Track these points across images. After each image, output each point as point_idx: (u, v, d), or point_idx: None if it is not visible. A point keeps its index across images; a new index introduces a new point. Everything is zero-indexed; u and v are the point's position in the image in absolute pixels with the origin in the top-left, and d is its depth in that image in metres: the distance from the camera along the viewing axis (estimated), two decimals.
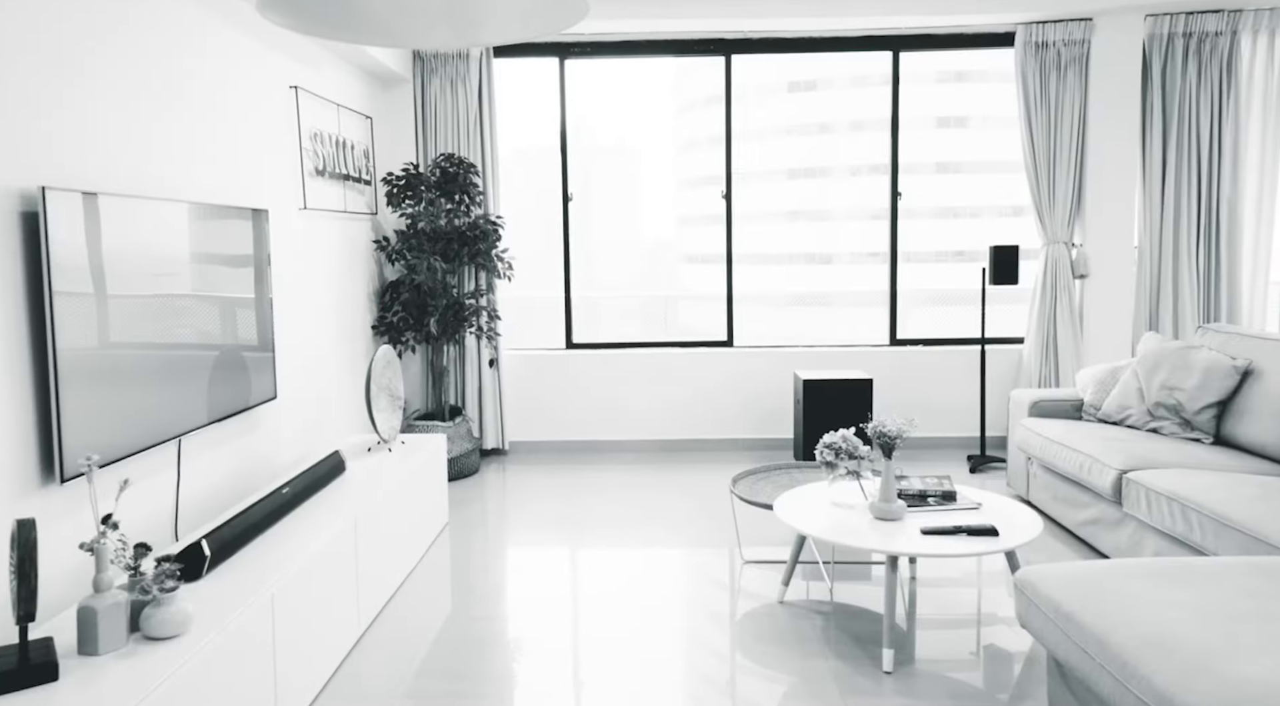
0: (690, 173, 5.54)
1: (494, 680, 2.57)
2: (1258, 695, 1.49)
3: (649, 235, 5.59)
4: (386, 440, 3.71)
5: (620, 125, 5.55)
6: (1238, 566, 2.05)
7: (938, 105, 5.82)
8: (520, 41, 1.49)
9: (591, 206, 5.79)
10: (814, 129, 6.03)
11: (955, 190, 6.11)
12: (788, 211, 6.08)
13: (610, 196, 5.61)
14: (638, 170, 5.58)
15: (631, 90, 5.39)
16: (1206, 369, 3.59)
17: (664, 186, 5.51)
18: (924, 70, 5.90)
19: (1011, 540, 2.58)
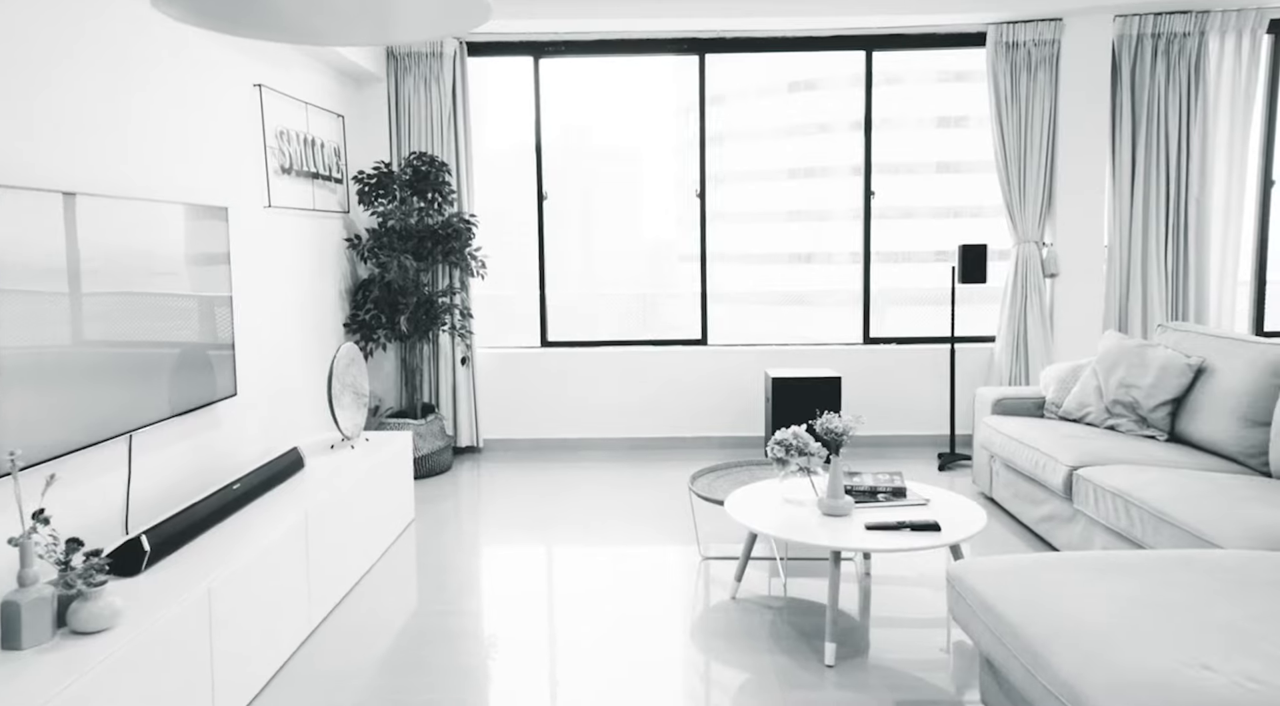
0: (690, 173, 5.56)
1: (446, 673, 2.60)
2: (1148, 682, 1.51)
3: (650, 235, 5.62)
4: (350, 437, 3.73)
5: (620, 126, 5.59)
6: (1161, 560, 2.07)
7: (940, 105, 5.88)
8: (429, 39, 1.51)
9: (593, 206, 5.80)
10: (814, 128, 6.04)
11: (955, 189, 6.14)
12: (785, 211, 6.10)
13: (612, 197, 5.64)
14: (639, 170, 5.61)
15: (632, 90, 5.44)
16: (1161, 367, 3.61)
17: (664, 187, 5.53)
18: (926, 69, 5.93)
19: (953, 535, 2.61)
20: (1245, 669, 1.54)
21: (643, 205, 6.01)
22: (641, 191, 6.06)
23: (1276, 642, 1.65)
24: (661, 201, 5.85)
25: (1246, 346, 3.31)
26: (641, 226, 6.00)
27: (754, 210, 6.40)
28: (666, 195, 5.88)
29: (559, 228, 5.63)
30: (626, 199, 6.03)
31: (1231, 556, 2.08)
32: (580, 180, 5.92)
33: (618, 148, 5.82)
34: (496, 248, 5.54)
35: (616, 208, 5.72)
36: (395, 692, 2.50)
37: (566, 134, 5.56)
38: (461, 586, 3.29)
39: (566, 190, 5.64)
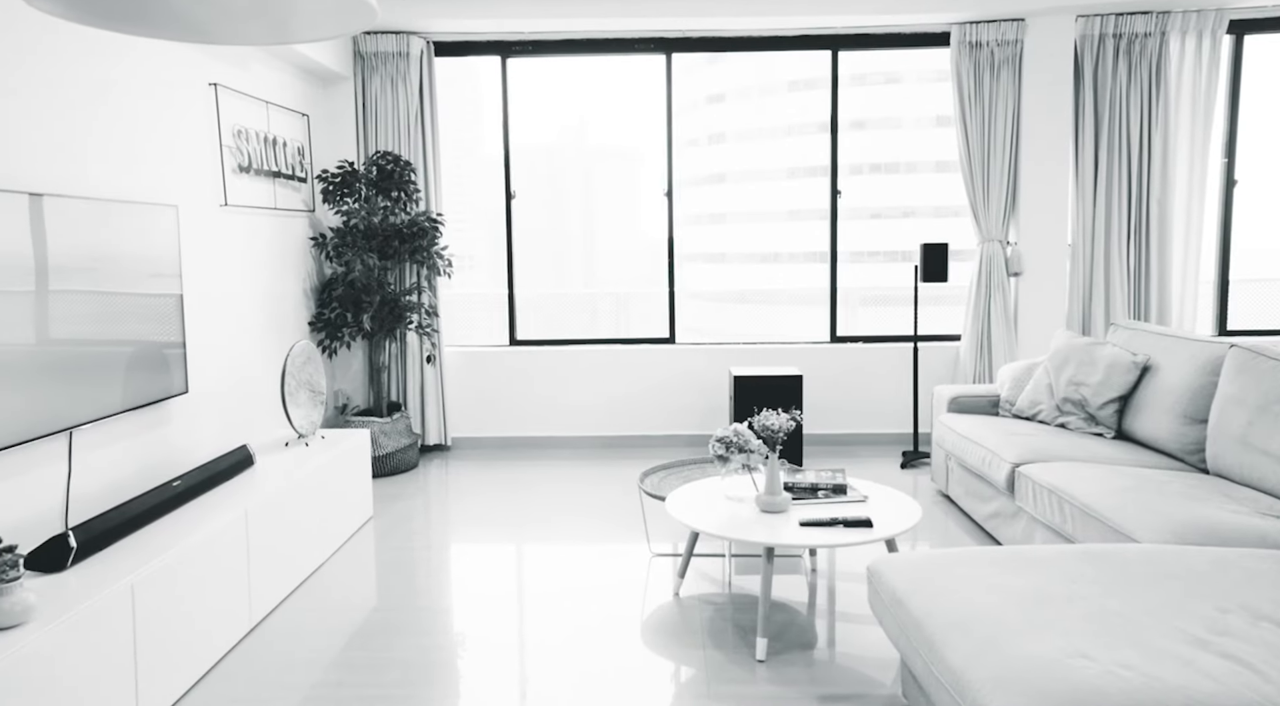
0: (690, 173, 5.61)
1: (386, 668, 2.62)
2: (1028, 671, 1.54)
3: (651, 235, 5.67)
4: (305, 435, 3.75)
5: (618, 125, 5.63)
6: (1068, 554, 2.10)
7: (941, 104, 5.93)
8: (322, 39, 1.54)
9: (595, 206, 5.84)
10: (814, 128, 6.07)
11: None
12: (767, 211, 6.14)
13: (612, 196, 5.70)
14: (638, 170, 5.65)
15: (631, 90, 5.48)
16: (1109, 365, 3.64)
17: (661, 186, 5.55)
18: (925, 68, 5.97)
19: (884, 531, 2.63)
20: (1122, 658, 1.57)
21: (639, 204, 6.04)
22: (638, 190, 6.09)
23: (1160, 632, 1.67)
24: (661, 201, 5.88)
25: (1187, 344, 3.34)
26: (640, 225, 6.04)
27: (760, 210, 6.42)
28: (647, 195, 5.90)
29: (560, 226, 5.65)
30: (625, 198, 6.07)
31: (1138, 550, 2.11)
32: (579, 179, 5.95)
33: (617, 147, 5.86)
34: (497, 248, 5.58)
35: (614, 206, 5.77)
36: (331, 688, 2.52)
37: (564, 133, 5.60)
38: (414, 583, 3.31)
39: (568, 189, 5.68)
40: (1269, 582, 1.90)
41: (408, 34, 5.18)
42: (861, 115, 6.20)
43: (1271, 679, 1.50)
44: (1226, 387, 2.98)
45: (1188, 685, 1.48)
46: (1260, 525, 2.38)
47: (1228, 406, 2.94)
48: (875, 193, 6.13)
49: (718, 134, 6.02)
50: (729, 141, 5.70)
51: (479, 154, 5.72)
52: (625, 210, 6.01)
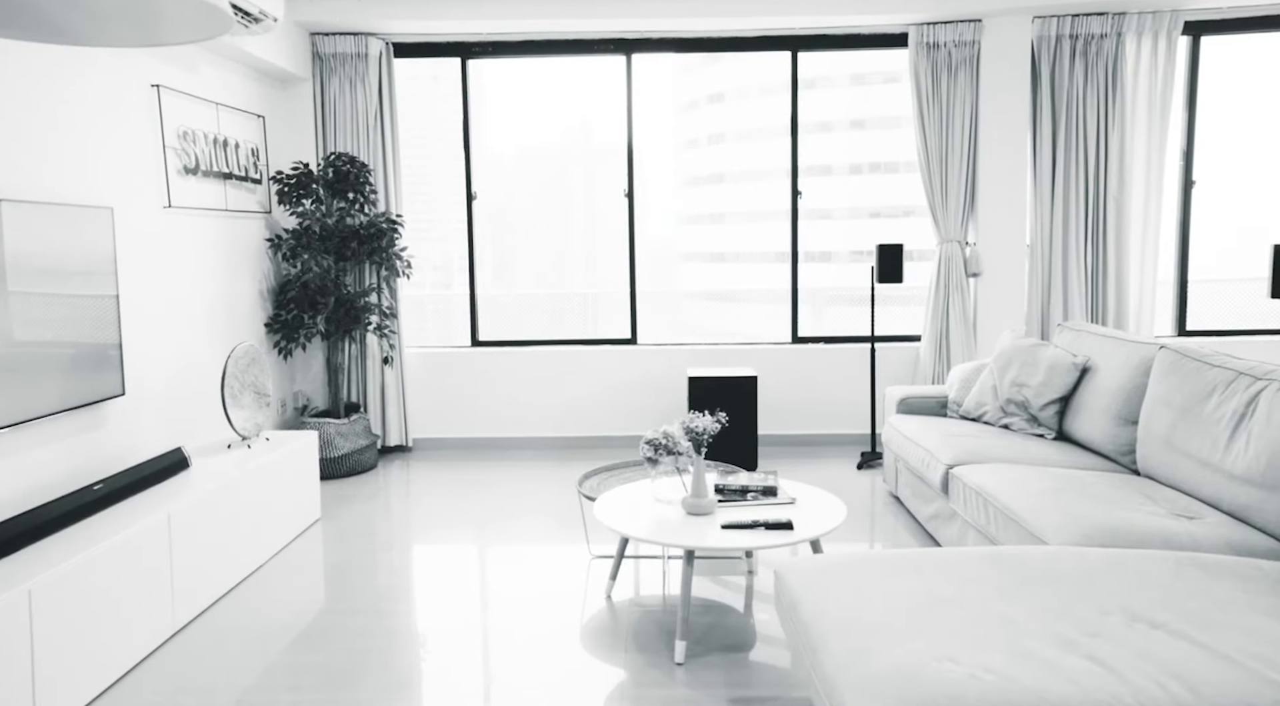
0: (688, 172, 5.62)
1: (308, 672, 2.62)
2: (893, 675, 1.54)
3: (651, 234, 5.69)
4: (247, 436, 3.74)
5: (620, 126, 5.65)
6: (973, 557, 2.10)
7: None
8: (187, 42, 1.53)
9: (596, 206, 5.85)
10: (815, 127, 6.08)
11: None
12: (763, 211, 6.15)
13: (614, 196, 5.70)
14: (641, 170, 5.65)
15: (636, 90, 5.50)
16: (1050, 366, 3.65)
17: (665, 186, 5.59)
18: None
19: (803, 534, 2.63)
20: (987, 661, 1.57)
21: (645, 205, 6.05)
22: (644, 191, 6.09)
23: (1035, 635, 1.68)
24: (662, 200, 5.90)
25: (1124, 345, 3.34)
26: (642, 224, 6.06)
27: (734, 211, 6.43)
28: (664, 195, 5.93)
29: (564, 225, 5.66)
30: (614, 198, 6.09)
31: (1040, 552, 2.11)
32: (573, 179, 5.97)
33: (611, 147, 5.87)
34: (494, 247, 5.60)
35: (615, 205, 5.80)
36: (245, 692, 2.52)
37: (551, 134, 5.61)
38: (354, 585, 3.31)
39: (570, 189, 5.69)
40: (1154, 584, 1.90)
41: (366, 35, 5.17)
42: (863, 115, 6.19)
43: (1129, 680, 1.50)
44: (1155, 389, 2.98)
45: (1044, 688, 1.48)
46: (1169, 526, 2.38)
47: (1155, 407, 2.95)
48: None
49: (717, 134, 6.04)
50: (729, 141, 5.71)
51: (480, 155, 5.75)
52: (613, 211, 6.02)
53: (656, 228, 6.00)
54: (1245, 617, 1.73)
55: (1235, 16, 5.08)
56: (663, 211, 5.85)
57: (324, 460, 4.86)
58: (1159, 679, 1.50)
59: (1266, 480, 2.34)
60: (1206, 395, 2.69)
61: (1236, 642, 1.62)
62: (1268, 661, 1.55)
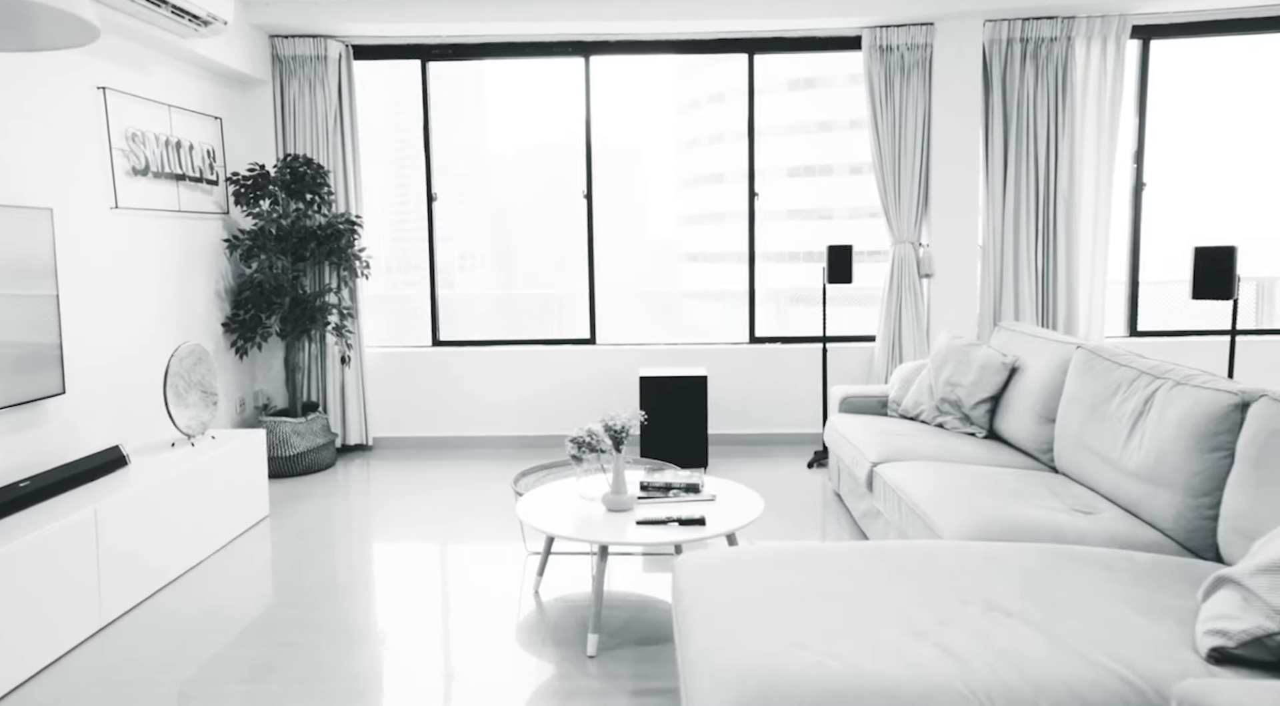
0: (688, 172, 5.67)
1: (230, 666, 2.67)
2: (744, 662, 1.59)
3: (652, 234, 5.75)
4: (192, 435, 3.79)
5: (621, 126, 5.73)
6: (862, 550, 2.15)
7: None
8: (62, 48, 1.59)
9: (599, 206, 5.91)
10: (814, 127, 6.14)
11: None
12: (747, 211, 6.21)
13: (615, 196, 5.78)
14: (643, 170, 5.71)
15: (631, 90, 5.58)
16: (981, 366, 3.70)
17: (666, 185, 5.64)
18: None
19: (715, 529, 2.69)
20: (837, 649, 1.62)
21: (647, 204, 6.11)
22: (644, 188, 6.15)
23: (893, 624, 1.73)
24: (660, 199, 5.95)
25: (1049, 345, 3.40)
26: (646, 224, 6.12)
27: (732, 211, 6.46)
28: (665, 193, 5.97)
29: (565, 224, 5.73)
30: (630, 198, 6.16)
31: (925, 546, 2.16)
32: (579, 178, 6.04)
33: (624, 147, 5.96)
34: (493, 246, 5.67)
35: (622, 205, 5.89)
36: (162, 687, 2.56)
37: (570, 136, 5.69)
38: (292, 580, 3.36)
39: (570, 188, 5.76)
40: (1023, 575, 1.95)
41: (325, 38, 5.22)
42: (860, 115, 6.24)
43: (967, 665, 1.55)
44: (1069, 388, 3.04)
45: (884, 672, 1.54)
46: (1062, 521, 2.44)
47: (1069, 406, 3.00)
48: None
49: (717, 134, 6.10)
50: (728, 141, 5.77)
51: (480, 155, 5.82)
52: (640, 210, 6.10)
53: (657, 228, 6.06)
54: (1096, 606, 1.78)
55: (1183, 21, 5.14)
56: (662, 211, 5.92)
57: (279, 458, 4.91)
58: (994, 664, 1.56)
59: (1155, 476, 2.40)
60: (1112, 393, 2.75)
61: (1077, 629, 1.67)
62: (1099, 645, 1.60)
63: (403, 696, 2.47)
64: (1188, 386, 2.42)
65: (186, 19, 3.92)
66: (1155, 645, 1.62)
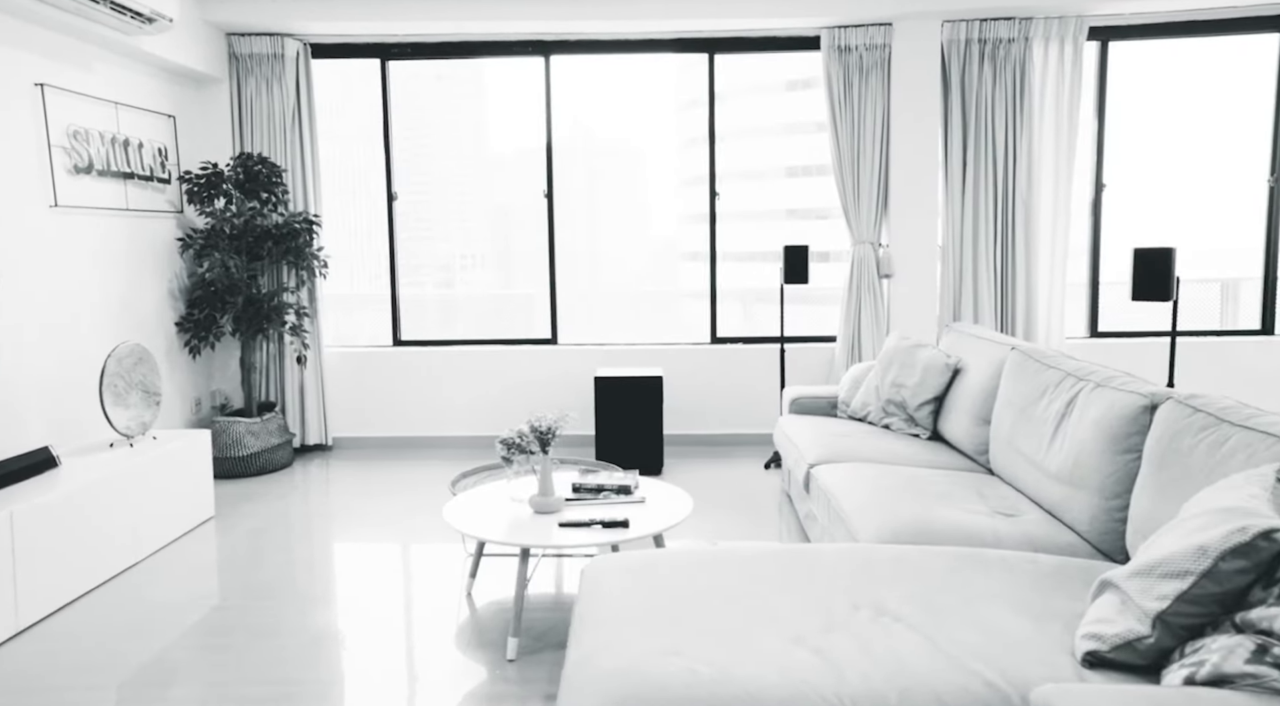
0: (690, 172, 5.67)
1: (151, 668, 2.64)
2: (618, 668, 1.57)
3: (656, 234, 5.73)
4: (130, 436, 3.76)
5: (616, 126, 5.71)
6: (767, 553, 2.13)
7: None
8: None
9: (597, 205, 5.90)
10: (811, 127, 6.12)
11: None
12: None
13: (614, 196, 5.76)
14: (639, 170, 5.68)
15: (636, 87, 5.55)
16: (925, 367, 3.69)
17: (664, 185, 5.62)
18: None
19: (638, 531, 2.67)
20: (711, 655, 1.60)
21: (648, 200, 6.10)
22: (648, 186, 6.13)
23: (775, 629, 1.71)
24: (663, 198, 5.93)
25: (988, 346, 3.38)
26: (648, 224, 6.11)
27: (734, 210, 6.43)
28: (668, 192, 5.96)
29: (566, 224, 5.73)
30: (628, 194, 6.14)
31: (832, 549, 2.14)
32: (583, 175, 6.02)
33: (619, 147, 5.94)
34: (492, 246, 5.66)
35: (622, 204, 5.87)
36: (81, 692, 2.53)
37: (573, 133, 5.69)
38: (229, 581, 3.33)
39: (572, 187, 5.76)
40: (921, 579, 1.93)
41: (282, 36, 5.19)
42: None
43: (839, 670, 1.53)
44: (1003, 389, 3.02)
45: (751, 678, 1.51)
46: (980, 524, 2.42)
47: (1002, 408, 2.99)
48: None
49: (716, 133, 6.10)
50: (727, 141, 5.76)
51: (482, 155, 5.79)
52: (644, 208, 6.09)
53: (658, 227, 6.04)
54: (987, 610, 1.76)
55: (1140, 23, 5.14)
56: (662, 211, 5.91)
57: (233, 458, 4.87)
58: (866, 670, 1.54)
59: (1073, 478, 2.38)
60: (1040, 395, 2.73)
61: (961, 634, 1.65)
62: (977, 651, 1.58)
63: (314, 699, 2.44)
64: (1106, 388, 2.40)
65: (129, 15, 3.88)
66: (1035, 649, 1.60)
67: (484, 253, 6.00)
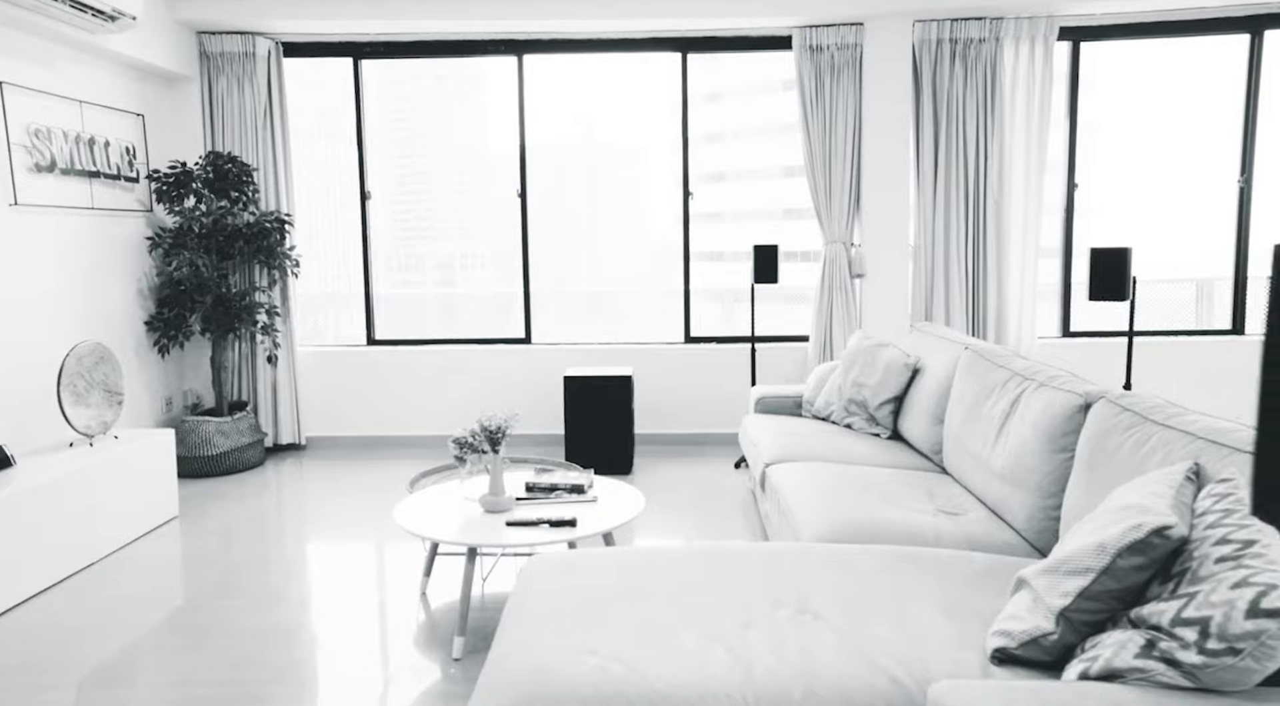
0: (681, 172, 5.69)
1: (105, 668, 2.63)
2: (532, 666, 1.57)
3: (656, 233, 5.75)
4: (90, 435, 3.75)
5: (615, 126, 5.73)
6: (701, 552, 2.13)
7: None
8: None
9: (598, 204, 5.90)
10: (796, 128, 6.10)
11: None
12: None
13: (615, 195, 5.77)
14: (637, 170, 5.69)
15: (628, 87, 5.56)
16: (886, 366, 3.69)
17: (661, 184, 5.63)
18: None
19: (585, 530, 2.67)
20: (627, 653, 1.60)
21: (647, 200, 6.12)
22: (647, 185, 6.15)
23: (696, 627, 1.71)
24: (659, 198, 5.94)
25: (947, 345, 3.39)
26: (646, 223, 6.13)
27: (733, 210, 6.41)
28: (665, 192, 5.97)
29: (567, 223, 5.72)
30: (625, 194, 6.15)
31: (765, 548, 2.14)
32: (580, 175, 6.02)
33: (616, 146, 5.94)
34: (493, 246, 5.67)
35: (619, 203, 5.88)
36: (35, 693, 2.53)
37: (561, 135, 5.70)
38: (190, 579, 3.32)
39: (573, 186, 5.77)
40: (849, 577, 1.93)
41: (253, 35, 5.18)
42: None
43: (750, 668, 1.53)
44: (955, 389, 3.03)
45: (661, 675, 1.52)
46: (922, 523, 2.42)
47: (954, 407, 2.99)
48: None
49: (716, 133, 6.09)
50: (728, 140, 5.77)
51: (488, 155, 5.80)
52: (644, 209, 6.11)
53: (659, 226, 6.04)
54: (909, 608, 1.77)
55: (1111, 24, 5.15)
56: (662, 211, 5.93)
57: (201, 458, 4.86)
58: (776, 667, 1.54)
59: (1014, 477, 2.39)
60: (988, 394, 2.74)
61: (878, 632, 1.66)
62: (890, 648, 1.59)
63: (261, 700, 2.43)
64: (1047, 388, 2.41)
65: (90, 14, 3.88)
66: (948, 647, 1.60)
67: (482, 252, 5.98)
